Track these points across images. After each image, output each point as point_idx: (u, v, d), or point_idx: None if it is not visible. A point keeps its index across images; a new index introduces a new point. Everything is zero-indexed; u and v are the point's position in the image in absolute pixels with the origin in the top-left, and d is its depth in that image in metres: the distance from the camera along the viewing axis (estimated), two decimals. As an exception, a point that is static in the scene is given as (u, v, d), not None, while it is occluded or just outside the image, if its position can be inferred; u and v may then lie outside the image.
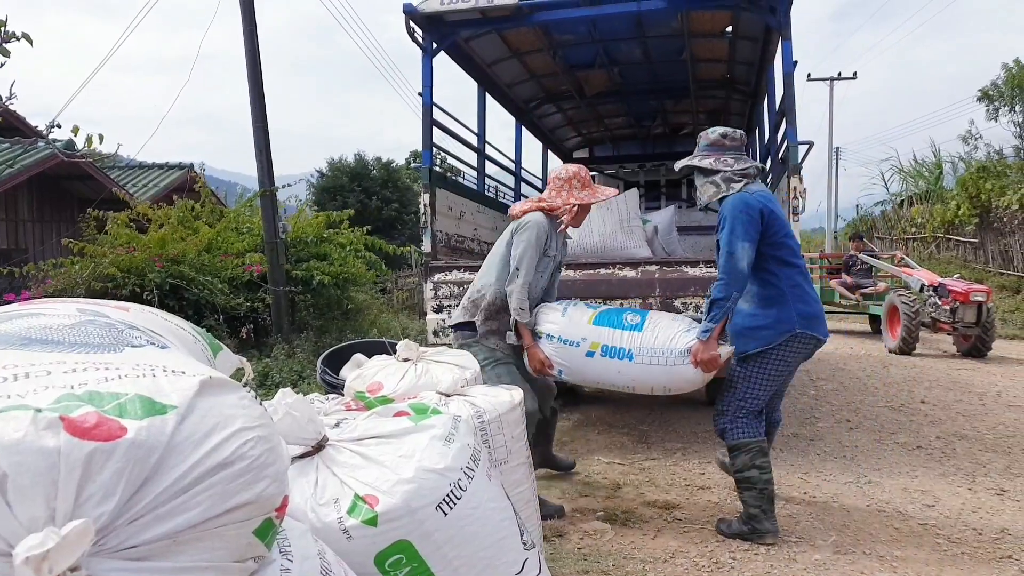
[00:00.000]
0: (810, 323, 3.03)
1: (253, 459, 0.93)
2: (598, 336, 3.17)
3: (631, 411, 5.72)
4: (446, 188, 5.45)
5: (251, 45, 7.56)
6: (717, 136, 3.20)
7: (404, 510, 1.39)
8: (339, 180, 21.51)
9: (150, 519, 0.81)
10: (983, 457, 4.40)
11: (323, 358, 3.32)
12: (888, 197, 24.94)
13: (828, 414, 5.68)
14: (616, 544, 3.06)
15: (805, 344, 3.06)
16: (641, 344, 3.10)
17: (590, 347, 3.18)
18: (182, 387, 0.91)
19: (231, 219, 9.15)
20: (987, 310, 8.71)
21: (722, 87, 6.97)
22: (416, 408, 1.70)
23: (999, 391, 6.59)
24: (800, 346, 3.06)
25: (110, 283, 6.96)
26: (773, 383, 3.11)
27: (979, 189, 16.08)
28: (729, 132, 3.21)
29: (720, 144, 3.19)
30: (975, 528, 3.22)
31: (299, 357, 7.21)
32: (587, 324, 3.23)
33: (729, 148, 3.18)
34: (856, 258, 11.52)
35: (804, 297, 3.05)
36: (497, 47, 5.85)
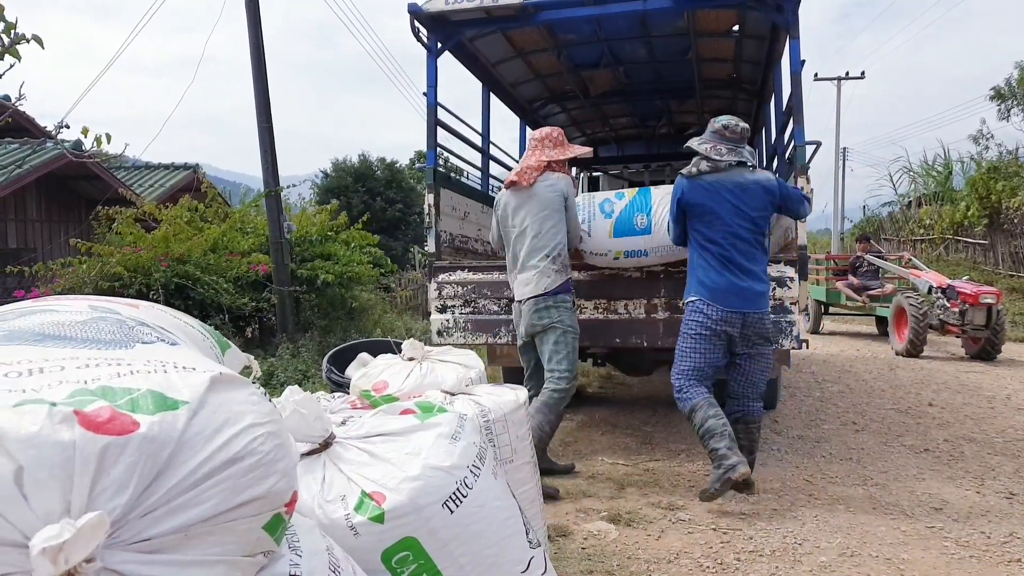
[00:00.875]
0: (709, 292, 3.58)
1: (263, 455, 0.94)
2: (619, 245, 4.16)
3: (635, 412, 5.72)
4: (450, 188, 5.46)
5: (256, 47, 7.60)
6: (719, 126, 3.66)
7: (411, 507, 1.40)
8: (343, 180, 21.55)
9: (162, 512, 0.82)
10: (992, 460, 4.39)
11: (328, 357, 3.34)
12: (896, 198, 24.88)
13: (834, 416, 5.67)
14: (620, 544, 3.07)
15: (706, 313, 3.58)
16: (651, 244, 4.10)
17: (615, 255, 4.22)
18: (193, 383, 0.92)
19: (236, 219, 9.20)
20: (997, 312, 8.67)
21: (728, 87, 6.96)
22: (422, 406, 1.71)
23: (1008, 394, 6.56)
24: (700, 315, 3.59)
25: (117, 282, 7.01)
26: (692, 344, 3.63)
27: (989, 189, 16.00)
28: (731, 124, 3.64)
29: (720, 133, 3.65)
30: (983, 532, 3.21)
31: (304, 356, 7.24)
32: (608, 238, 4.15)
33: (727, 139, 3.64)
34: (863, 259, 11.48)
35: (707, 271, 3.60)
36: (502, 47, 5.86)
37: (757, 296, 3.61)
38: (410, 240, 20.82)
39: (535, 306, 3.81)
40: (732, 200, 3.58)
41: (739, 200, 3.58)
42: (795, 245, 4.23)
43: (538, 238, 3.83)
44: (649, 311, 4.36)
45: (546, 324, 3.80)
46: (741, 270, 3.57)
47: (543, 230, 3.83)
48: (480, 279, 4.68)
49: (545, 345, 3.85)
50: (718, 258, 3.59)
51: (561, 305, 3.81)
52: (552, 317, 3.79)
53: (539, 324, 3.82)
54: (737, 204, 3.58)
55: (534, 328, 3.85)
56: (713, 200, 3.59)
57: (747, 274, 3.59)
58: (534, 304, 3.82)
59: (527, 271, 3.87)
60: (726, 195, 3.58)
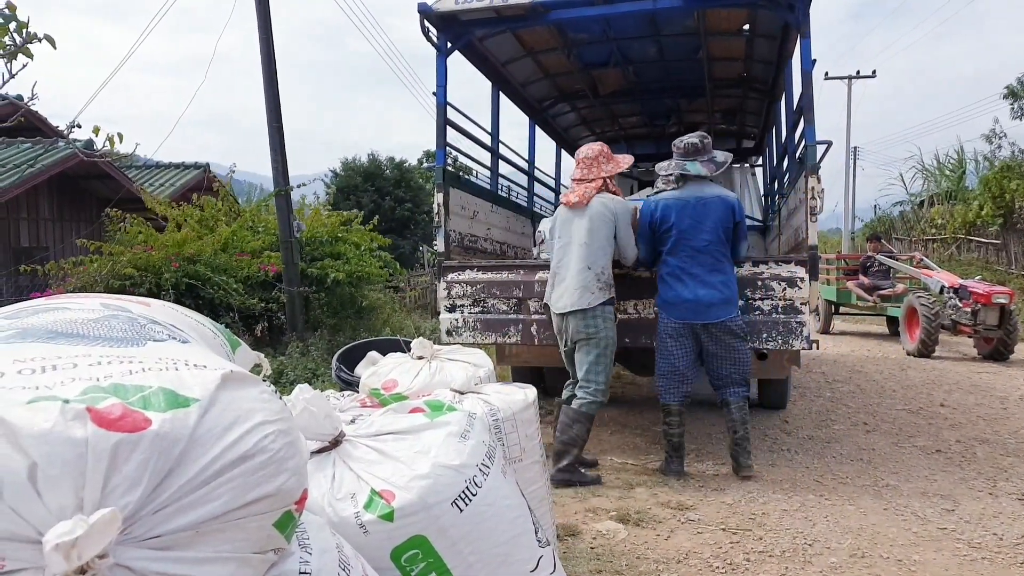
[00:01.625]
0: (667, 306, 3.96)
1: (273, 452, 0.94)
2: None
3: (644, 412, 5.70)
4: (459, 188, 5.46)
5: (266, 47, 7.62)
6: (673, 145, 4.05)
7: (420, 505, 1.40)
8: (353, 180, 21.60)
9: (174, 509, 0.82)
10: (1004, 462, 4.35)
11: (338, 356, 3.35)
12: (907, 197, 24.69)
13: (845, 416, 5.63)
14: (629, 544, 3.06)
15: (666, 321, 3.97)
16: None
17: None
18: (204, 380, 0.93)
19: (247, 218, 9.24)
20: (1009, 312, 8.59)
21: (738, 86, 6.93)
22: (432, 405, 1.71)
23: (1022, 395, 6.50)
24: (663, 324, 3.98)
25: (128, 281, 7.05)
26: (663, 346, 3.99)
27: (1003, 189, 15.84)
28: (679, 142, 4.01)
29: (675, 148, 4.03)
30: (996, 533, 3.18)
31: (313, 355, 7.26)
32: None
33: (676, 154, 4.01)
34: (874, 259, 11.39)
35: (666, 286, 3.95)
36: (511, 46, 5.85)
37: (716, 305, 3.85)
38: (419, 239, 20.85)
39: (582, 317, 3.90)
40: (693, 215, 3.86)
41: (700, 215, 3.86)
42: (805, 245, 4.21)
43: (586, 251, 3.92)
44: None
45: (591, 333, 3.90)
46: (700, 283, 3.84)
47: (591, 243, 3.92)
48: (489, 278, 4.68)
49: (586, 356, 3.93)
50: (676, 273, 3.90)
51: (607, 318, 3.92)
52: (597, 326, 3.89)
53: (584, 332, 3.91)
54: (698, 219, 3.85)
55: (578, 335, 3.93)
56: (676, 217, 3.88)
57: (706, 285, 3.84)
58: (582, 316, 3.90)
59: (569, 283, 3.94)
60: (688, 212, 3.87)
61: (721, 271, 3.89)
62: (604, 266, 3.94)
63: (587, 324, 3.89)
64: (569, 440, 3.88)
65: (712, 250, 3.87)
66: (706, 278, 3.84)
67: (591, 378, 3.91)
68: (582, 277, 3.89)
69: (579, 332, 3.92)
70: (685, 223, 3.87)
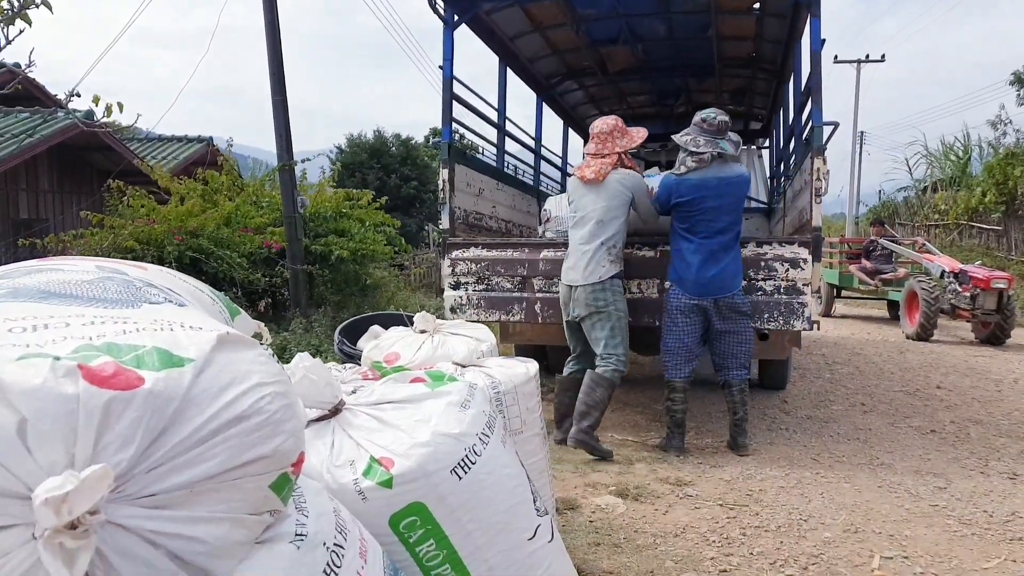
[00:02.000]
0: (684, 282, 3.95)
1: (270, 414, 0.93)
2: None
3: (645, 390, 5.72)
4: (465, 164, 5.42)
5: (270, 16, 7.54)
6: (699, 119, 3.94)
7: (419, 473, 1.40)
8: (358, 156, 21.49)
9: (167, 468, 0.82)
10: (997, 442, 4.37)
11: (340, 329, 3.34)
12: (912, 183, 24.55)
13: (843, 397, 5.65)
14: (627, 518, 3.08)
15: (682, 300, 3.96)
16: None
17: None
18: (200, 341, 0.92)
19: (250, 193, 9.20)
20: (1008, 297, 8.60)
21: (747, 66, 6.85)
22: (433, 375, 1.71)
23: (1016, 378, 6.52)
24: (677, 300, 3.98)
25: (130, 255, 7.04)
26: (672, 322, 4.01)
27: (1007, 176, 15.75)
28: (709, 117, 3.91)
29: (699, 126, 3.93)
30: (986, 510, 3.20)
31: (317, 331, 7.27)
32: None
33: (705, 131, 3.91)
34: (877, 243, 11.37)
35: (685, 263, 3.93)
36: (519, 20, 5.78)
37: (728, 281, 3.91)
38: (424, 218, 20.79)
39: (591, 290, 3.92)
40: (715, 196, 3.87)
41: (721, 196, 3.87)
42: (810, 227, 4.18)
43: (599, 226, 3.95)
44: (662, 291, 4.34)
45: (600, 307, 3.92)
46: (717, 260, 3.89)
47: (606, 220, 3.95)
48: (494, 256, 4.67)
49: (601, 331, 3.95)
50: (697, 250, 3.91)
51: (616, 290, 3.97)
52: (608, 299, 3.92)
53: (594, 305, 3.93)
54: (719, 200, 3.87)
55: (588, 309, 3.95)
56: (699, 196, 3.88)
57: (721, 263, 3.89)
58: (591, 289, 3.92)
59: (581, 256, 3.97)
60: (710, 192, 3.87)
61: (734, 249, 3.98)
62: (616, 242, 3.99)
63: (596, 298, 3.91)
64: (592, 403, 3.91)
65: (731, 230, 3.93)
66: (722, 256, 3.90)
67: (610, 351, 3.94)
68: (595, 252, 3.94)
69: (589, 306, 3.94)
70: (709, 203, 3.88)
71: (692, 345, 4.03)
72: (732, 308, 3.96)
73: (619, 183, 3.99)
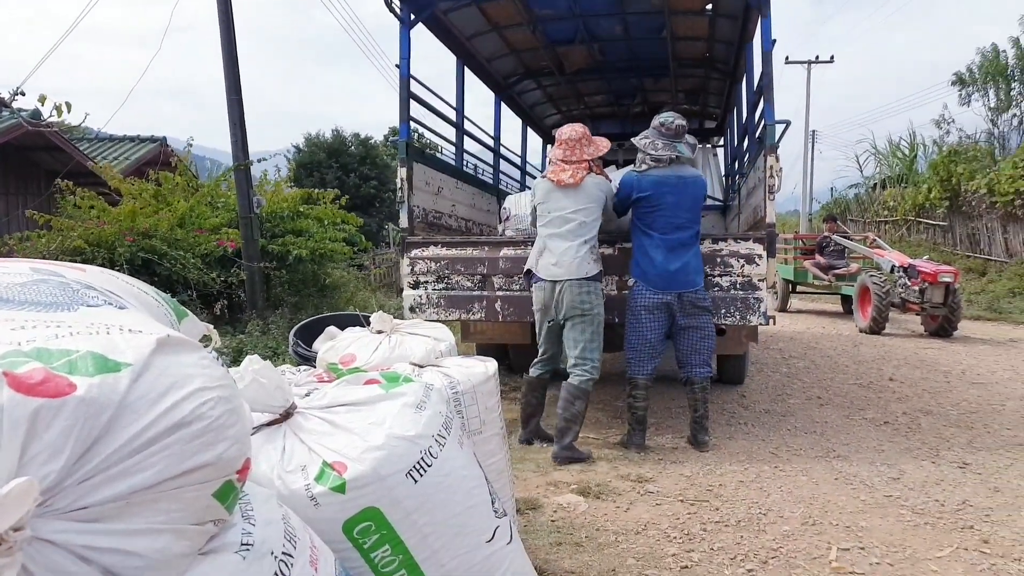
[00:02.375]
0: (647, 277, 4.02)
1: (212, 419, 0.90)
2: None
3: (606, 387, 5.75)
4: (423, 163, 5.38)
5: (225, 14, 7.38)
6: (658, 123, 4.10)
7: (373, 477, 1.37)
8: (316, 156, 21.20)
9: (101, 479, 0.78)
10: (947, 432, 4.50)
11: (295, 331, 3.28)
12: (862, 180, 25.20)
13: (800, 391, 5.76)
14: (589, 516, 3.09)
15: (646, 295, 4.01)
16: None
17: None
18: (138, 345, 0.88)
19: (205, 193, 9.00)
20: (954, 291, 8.88)
21: (701, 66, 6.94)
22: (387, 376, 1.68)
23: (963, 369, 6.73)
24: (641, 296, 4.03)
25: (78, 256, 6.82)
26: (636, 320, 4.06)
27: (950, 173, 16.29)
28: (667, 121, 4.07)
29: (658, 129, 4.09)
30: (938, 500, 3.29)
31: (274, 333, 7.14)
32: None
33: (663, 135, 4.05)
34: (830, 239, 11.64)
35: (647, 259, 4.02)
36: (476, 20, 5.76)
37: (692, 276, 4.00)
38: (384, 217, 20.60)
39: (579, 288, 3.92)
40: (674, 192, 3.99)
41: (680, 193, 4.00)
42: (764, 223, 4.25)
43: (582, 227, 4.00)
44: (621, 288, 4.37)
45: (586, 309, 3.92)
46: (679, 256, 3.99)
47: (588, 221, 4.01)
48: (454, 255, 4.64)
49: (581, 334, 3.95)
50: (659, 245, 4.00)
51: (599, 292, 4.00)
52: (592, 302, 3.93)
53: (579, 308, 3.92)
54: (678, 196, 3.99)
55: (573, 311, 3.93)
56: (659, 192, 4.00)
57: (684, 258, 3.99)
58: (578, 286, 3.92)
59: (565, 253, 3.96)
60: (669, 188, 4.00)
61: (695, 246, 4.07)
62: (595, 242, 4.06)
63: (583, 300, 3.91)
64: (571, 417, 3.91)
65: (690, 227, 4.03)
66: (682, 252, 4.00)
67: (587, 356, 3.94)
68: (579, 249, 3.96)
69: (574, 308, 3.92)
70: (668, 199, 3.99)
71: (655, 342, 4.07)
72: (695, 304, 4.01)
73: (596, 187, 4.07)
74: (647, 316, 4.04)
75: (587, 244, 3.97)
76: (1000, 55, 18.67)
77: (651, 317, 4.04)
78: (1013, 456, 4.00)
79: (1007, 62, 18.47)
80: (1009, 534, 2.90)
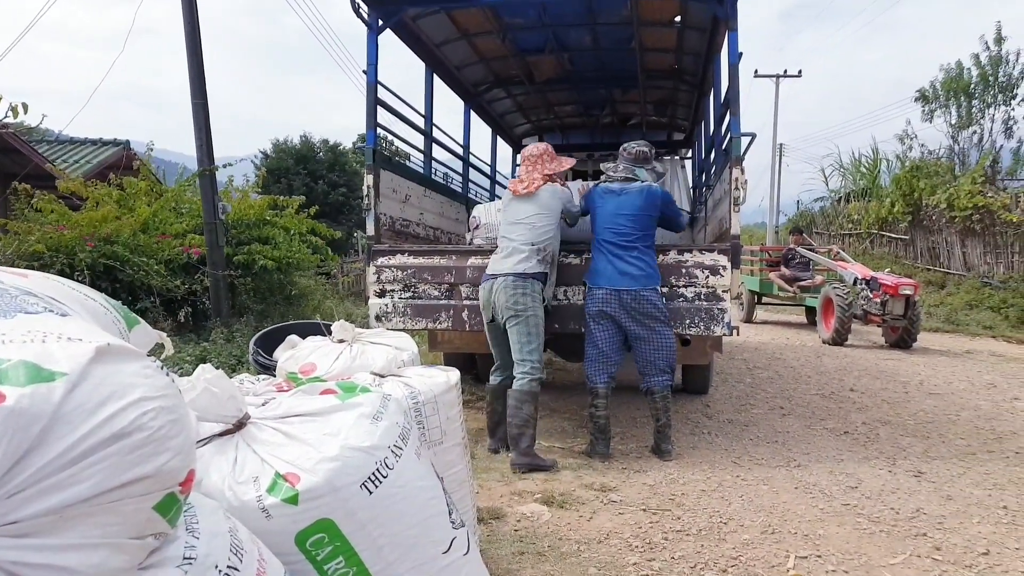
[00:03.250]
0: (592, 275, 4.19)
1: (154, 430, 0.88)
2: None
3: (573, 397, 5.77)
4: (391, 170, 5.35)
5: (190, 17, 7.29)
6: (622, 148, 4.45)
7: (327, 488, 1.36)
8: (284, 162, 21.00)
9: (33, 493, 0.76)
10: (904, 441, 4.59)
11: (256, 339, 3.24)
12: (827, 193, 25.70)
13: (763, 401, 5.83)
14: (552, 526, 3.08)
15: (592, 294, 4.13)
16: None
17: None
18: (74, 353, 0.86)
19: (169, 198, 8.84)
20: (914, 303, 9.08)
21: (670, 78, 7.02)
22: (344, 387, 1.66)
23: (921, 380, 6.88)
24: (589, 297, 4.16)
25: (36, 261, 6.65)
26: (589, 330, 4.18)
27: (912, 187, 16.68)
28: (629, 147, 4.42)
29: (621, 154, 4.44)
30: (893, 508, 3.35)
31: (238, 341, 7.04)
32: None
33: (625, 158, 4.39)
34: (795, 252, 11.84)
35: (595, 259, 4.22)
36: (445, 27, 5.76)
37: (633, 277, 4.06)
38: (353, 225, 20.46)
39: (512, 284, 3.96)
40: (614, 203, 4.22)
41: (619, 203, 4.20)
42: (728, 235, 4.31)
43: (533, 230, 4.09)
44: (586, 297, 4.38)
45: (519, 311, 3.94)
46: (618, 257, 4.12)
47: (539, 225, 4.10)
48: (421, 263, 4.62)
49: (518, 336, 3.97)
50: (600, 248, 4.19)
51: (535, 294, 4.00)
52: (525, 304, 3.94)
53: (512, 309, 3.95)
54: (618, 205, 4.20)
55: (507, 312, 3.95)
56: (601, 203, 4.27)
57: (623, 260, 4.10)
58: (512, 282, 3.96)
59: (511, 253, 4.06)
60: (610, 199, 4.24)
61: (639, 250, 4.14)
62: (549, 247, 4.10)
63: (516, 300, 3.93)
64: (522, 422, 3.90)
65: (629, 232, 4.14)
66: (624, 254, 4.12)
67: (526, 357, 3.96)
68: (526, 252, 4.03)
69: (508, 308, 3.95)
70: (608, 208, 4.21)
71: (609, 351, 4.12)
72: (644, 313, 4.03)
73: (550, 195, 4.16)
74: (595, 325, 4.14)
75: (534, 247, 4.04)
76: (964, 72, 19.21)
77: (599, 327, 4.12)
78: (966, 465, 4.09)
79: (971, 79, 19.01)
80: (961, 541, 2.97)
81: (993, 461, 4.18)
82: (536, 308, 3.99)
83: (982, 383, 6.77)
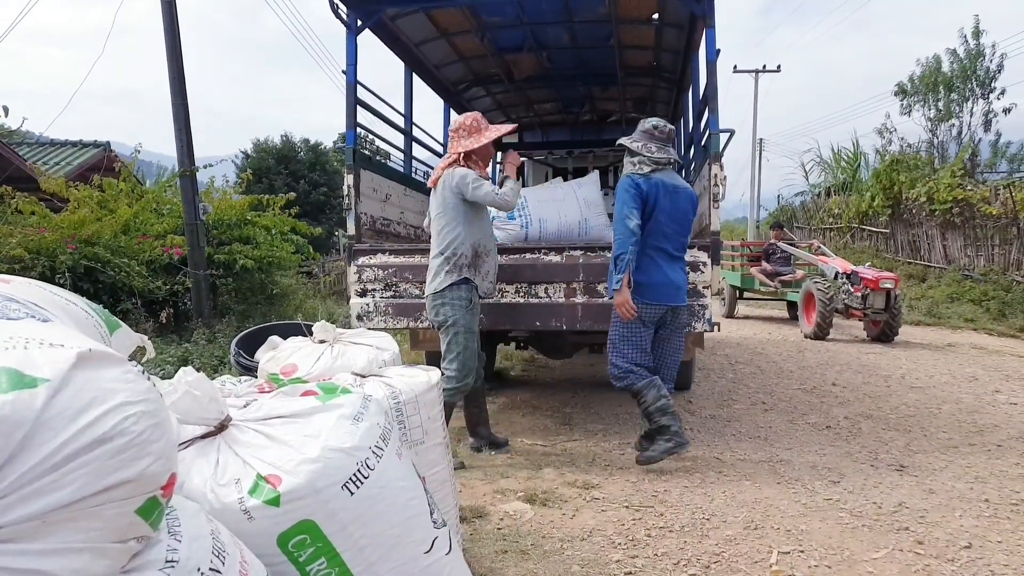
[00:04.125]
0: (642, 289, 3.82)
1: (135, 435, 0.89)
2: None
3: (555, 394, 5.79)
4: (371, 169, 5.34)
5: (169, 15, 7.24)
6: (650, 126, 3.91)
7: (308, 490, 1.37)
8: (265, 162, 20.91)
9: (16, 498, 0.77)
10: (886, 436, 4.66)
11: (237, 340, 3.22)
12: (808, 188, 25.94)
13: (745, 396, 5.89)
14: (535, 524, 3.10)
15: (640, 308, 3.82)
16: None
17: None
18: (56, 359, 0.87)
19: (150, 199, 8.79)
20: (895, 297, 9.19)
21: (649, 75, 7.06)
22: (325, 388, 1.67)
23: (903, 374, 6.98)
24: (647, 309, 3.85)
25: (17, 264, 6.58)
26: (629, 331, 3.88)
27: (892, 181, 16.87)
28: (660, 125, 3.92)
29: (650, 133, 3.90)
30: (875, 502, 3.39)
31: (220, 342, 7.01)
32: None
33: (656, 138, 3.89)
34: (776, 246, 11.94)
35: (648, 267, 3.83)
36: (424, 27, 5.76)
37: (684, 290, 3.96)
38: (335, 224, 20.39)
39: (431, 302, 3.92)
40: (669, 203, 3.85)
41: (673, 203, 3.86)
42: (708, 231, 4.35)
43: (437, 236, 3.92)
44: (568, 295, 4.41)
45: (440, 321, 3.89)
46: (670, 268, 3.89)
47: (438, 229, 3.91)
48: (402, 262, 4.62)
49: (442, 343, 3.93)
50: (657, 253, 3.86)
51: (454, 302, 3.84)
52: (445, 314, 3.86)
53: (435, 320, 3.92)
54: (672, 206, 3.85)
55: (434, 322, 3.95)
56: (661, 199, 3.82)
57: (676, 271, 3.92)
58: (431, 300, 3.92)
59: (429, 270, 3.98)
60: (669, 196, 3.84)
61: (683, 262, 4.01)
62: (455, 248, 3.83)
63: (436, 312, 3.89)
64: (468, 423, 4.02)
65: (681, 237, 3.95)
66: (677, 267, 3.94)
67: (445, 366, 3.85)
68: (434, 262, 3.92)
69: (433, 321, 3.95)
70: (667, 206, 3.83)
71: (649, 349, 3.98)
72: (681, 324, 4.01)
73: (444, 187, 3.86)
74: (644, 331, 3.91)
75: (442, 255, 3.86)
76: (941, 66, 19.49)
77: (647, 332, 3.93)
78: (948, 458, 4.15)
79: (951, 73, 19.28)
80: (943, 535, 3.01)
81: (975, 454, 4.24)
82: (455, 315, 3.82)
83: (964, 376, 6.88)
